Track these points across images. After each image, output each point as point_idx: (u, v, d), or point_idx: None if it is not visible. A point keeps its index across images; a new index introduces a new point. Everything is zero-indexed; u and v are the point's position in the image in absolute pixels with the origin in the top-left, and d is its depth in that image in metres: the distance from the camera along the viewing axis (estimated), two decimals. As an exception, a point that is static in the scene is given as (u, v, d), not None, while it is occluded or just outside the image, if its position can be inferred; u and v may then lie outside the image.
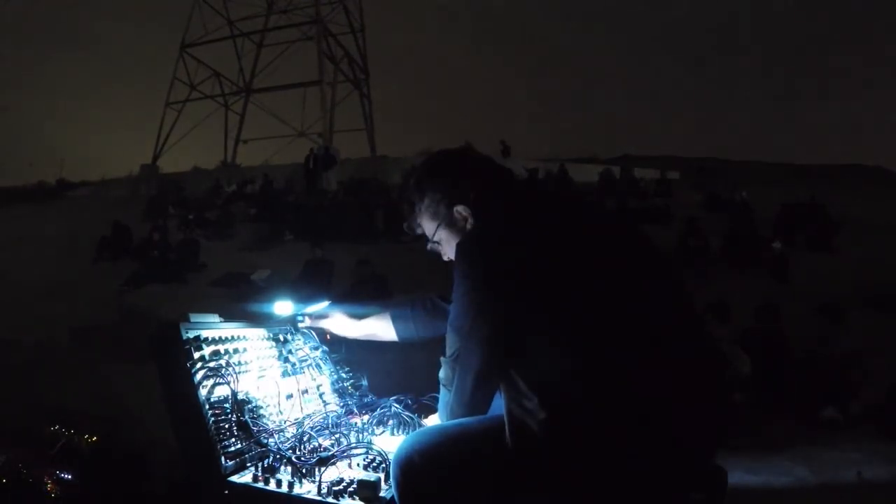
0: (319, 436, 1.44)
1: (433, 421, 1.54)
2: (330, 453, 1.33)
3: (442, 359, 1.32)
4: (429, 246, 1.48)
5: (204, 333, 1.46)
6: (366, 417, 1.68)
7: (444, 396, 1.32)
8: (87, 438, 2.35)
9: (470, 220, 1.37)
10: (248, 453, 1.36)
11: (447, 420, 1.29)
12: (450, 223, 1.40)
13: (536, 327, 1.14)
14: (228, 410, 1.37)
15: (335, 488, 1.23)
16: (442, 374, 1.33)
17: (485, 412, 1.26)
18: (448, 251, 1.44)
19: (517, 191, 1.41)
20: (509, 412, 1.15)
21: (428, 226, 1.46)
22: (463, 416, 1.25)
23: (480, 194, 1.36)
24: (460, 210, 1.38)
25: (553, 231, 1.23)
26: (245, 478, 1.30)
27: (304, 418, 1.59)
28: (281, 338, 1.77)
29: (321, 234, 9.53)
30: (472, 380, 1.20)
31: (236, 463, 1.32)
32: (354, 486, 1.22)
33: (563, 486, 1.10)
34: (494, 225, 1.27)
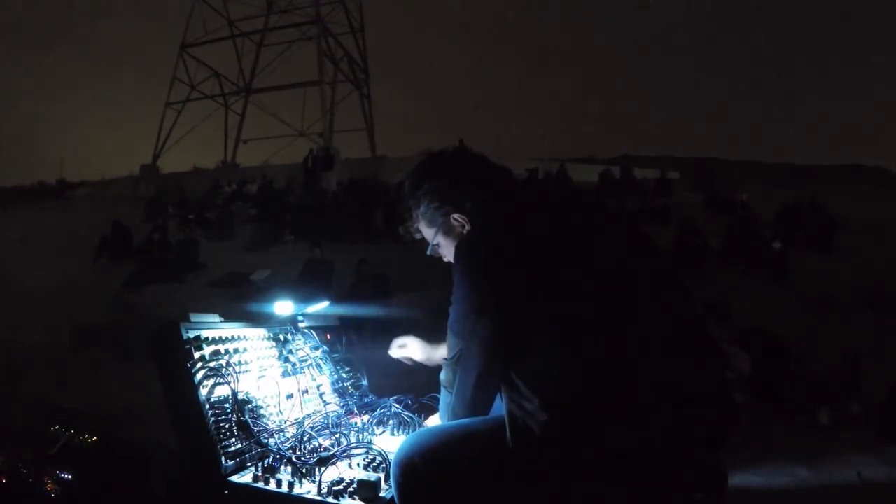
0: (319, 436, 1.44)
1: (434, 421, 1.54)
2: (330, 453, 1.33)
3: (443, 360, 1.32)
4: (429, 250, 1.48)
5: (204, 333, 1.46)
6: (366, 417, 1.68)
7: (445, 398, 1.32)
8: (87, 438, 2.34)
9: (467, 227, 1.37)
10: (248, 453, 1.36)
11: (448, 421, 1.29)
12: (447, 230, 1.40)
13: (537, 328, 1.14)
14: (228, 410, 1.37)
15: (335, 488, 1.23)
16: (443, 375, 1.33)
17: (486, 413, 1.26)
18: (448, 255, 1.44)
19: (514, 192, 1.41)
20: (510, 413, 1.15)
21: (426, 231, 1.45)
22: (464, 418, 1.25)
23: (477, 198, 1.36)
24: (457, 217, 1.38)
25: (552, 232, 1.23)
26: (245, 478, 1.30)
27: (304, 418, 1.59)
28: (281, 338, 1.77)
29: (321, 234, 9.53)
30: (474, 381, 1.20)
31: (236, 463, 1.32)
32: (354, 486, 1.22)
33: (565, 487, 1.09)
34: (492, 227, 1.27)
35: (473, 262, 1.21)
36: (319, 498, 1.22)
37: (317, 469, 1.28)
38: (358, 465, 1.36)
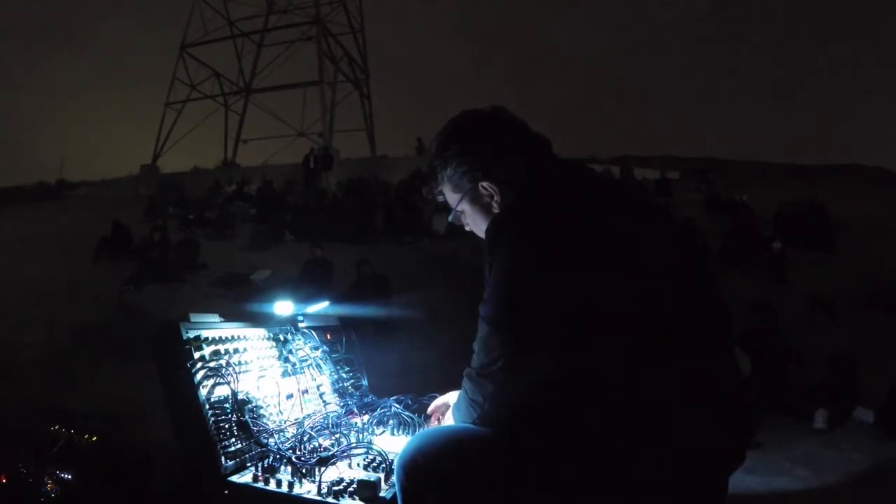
0: (319, 436, 1.44)
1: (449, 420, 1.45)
2: (330, 453, 1.33)
3: (470, 371, 1.20)
4: (451, 216, 1.38)
5: (204, 333, 1.46)
6: (366, 417, 1.68)
7: (467, 413, 1.22)
8: (87, 438, 2.35)
9: (496, 197, 1.26)
10: (248, 453, 1.36)
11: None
12: (474, 197, 1.29)
13: (546, 333, 1.11)
14: (228, 410, 1.37)
15: (335, 488, 1.23)
16: (470, 390, 1.19)
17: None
18: (471, 224, 1.36)
19: (553, 166, 1.27)
20: (516, 415, 1.14)
21: (450, 196, 1.35)
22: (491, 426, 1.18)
23: (511, 168, 1.24)
24: (486, 185, 1.26)
25: (589, 218, 1.14)
26: (245, 478, 1.30)
27: (304, 418, 1.59)
28: (281, 338, 1.77)
29: (321, 234, 9.54)
30: (525, 393, 1.11)
31: (236, 463, 1.32)
32: (354, 486, 1.22)
33: (567, 488, 1.09)
34: (529, 209, 1.15)
35: (512, 251, 1.11)
36: (319, 498, 1.22)
37: (317, 469, 1.28)
38: (358, 465, 1.36)
